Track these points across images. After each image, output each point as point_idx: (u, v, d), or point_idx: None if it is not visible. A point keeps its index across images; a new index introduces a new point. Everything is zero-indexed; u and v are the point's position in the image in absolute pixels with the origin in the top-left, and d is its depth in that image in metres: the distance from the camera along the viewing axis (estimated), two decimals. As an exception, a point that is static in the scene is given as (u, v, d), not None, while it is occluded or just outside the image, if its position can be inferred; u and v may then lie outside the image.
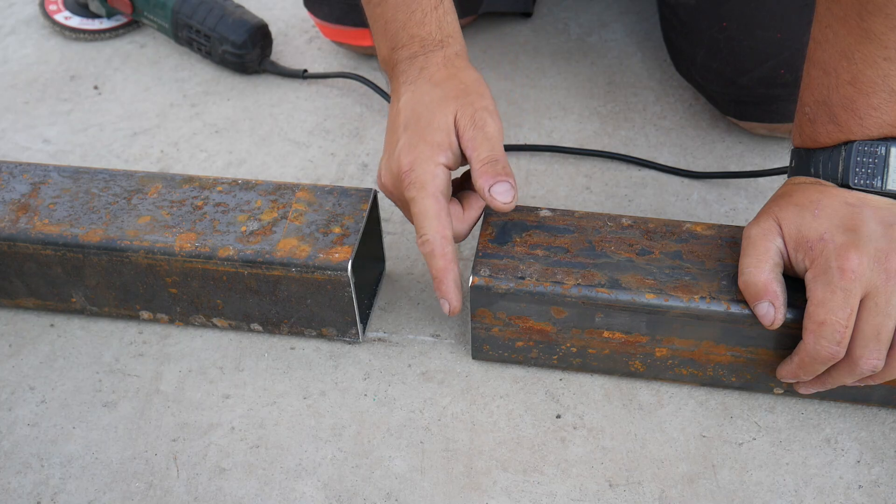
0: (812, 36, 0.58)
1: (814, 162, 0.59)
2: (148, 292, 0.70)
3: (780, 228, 0.58)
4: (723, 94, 0.84)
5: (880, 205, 0.57)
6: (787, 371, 0.61)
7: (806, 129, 0.60)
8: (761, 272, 0.58)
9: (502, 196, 0.60)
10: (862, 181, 0.57)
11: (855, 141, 0.57)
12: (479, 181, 0.60)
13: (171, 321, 0.72)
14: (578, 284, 0.62)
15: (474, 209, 0.64)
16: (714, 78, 0.84)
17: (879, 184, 0.57)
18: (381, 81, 0.95)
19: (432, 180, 0.60)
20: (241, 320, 0.71)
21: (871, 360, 0.55)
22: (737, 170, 0.85)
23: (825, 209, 0.57)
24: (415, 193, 0.60)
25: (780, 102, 0.81)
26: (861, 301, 0.55)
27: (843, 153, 0.57)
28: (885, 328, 0.55)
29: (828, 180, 0.59)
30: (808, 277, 0.57)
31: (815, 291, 0.56)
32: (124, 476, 0.64)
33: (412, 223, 0.62)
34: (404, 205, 0.63)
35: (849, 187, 0.57)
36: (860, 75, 0.55)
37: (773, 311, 0.58)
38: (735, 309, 0.60)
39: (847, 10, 0.54)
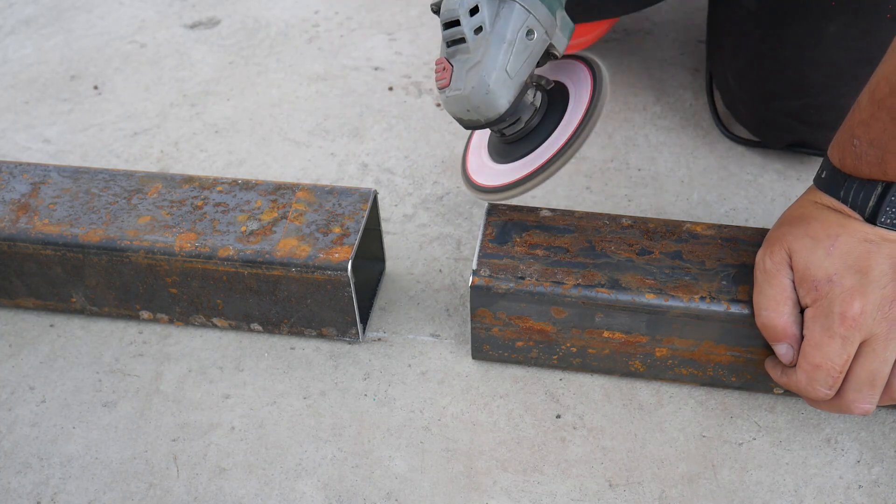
0: (893, 84, 0.54)
1: (846, 187, 0.57)
2: (148, 292, 0.70)
3: (791, 260, 0.57)
4: (747, 106, 0.83)
5: None
6: (773, 376, 0.61)
7: (848, 158, 0.57)
8: (780, 315, 0.57)
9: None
10: (890, 220, 0.55)
11: (894, 184, 0.55)
12: None
13: (171, 321, 0.72)
14: (578, 284, 0.62)
15: None
16: (748, 87, 0.82)
17: None
18: (376, 84, 0.95)
19: None
20: (241, 320, 0.71)
21: (863, 405, 0.55)
22: (737, 170, 0.85)
23: (841, 247, 0.55)
24: None
25: (796, 136, 0.81)
26: (859, 345, 0.54)
27: (879, 189, 0.55)
28: (880, 374, 0.54)
29: (855, 210, 0.57)
30: (808, 314, 0.56)
31: (814, 332, 0.55)
32: (124, 476, 0.64)
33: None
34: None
35: (874, 223, 0.56)
36: None
37: (792, 351, 0.58)
38: (735, 309, 0.60)
39: None
